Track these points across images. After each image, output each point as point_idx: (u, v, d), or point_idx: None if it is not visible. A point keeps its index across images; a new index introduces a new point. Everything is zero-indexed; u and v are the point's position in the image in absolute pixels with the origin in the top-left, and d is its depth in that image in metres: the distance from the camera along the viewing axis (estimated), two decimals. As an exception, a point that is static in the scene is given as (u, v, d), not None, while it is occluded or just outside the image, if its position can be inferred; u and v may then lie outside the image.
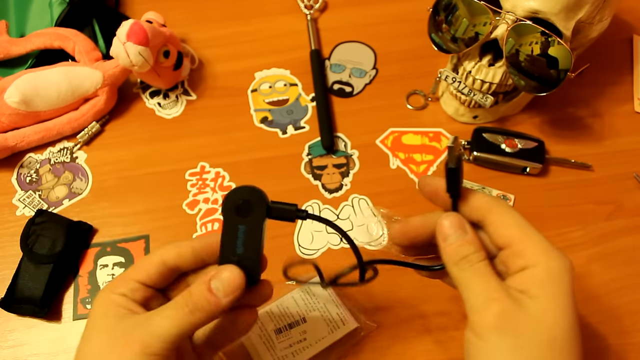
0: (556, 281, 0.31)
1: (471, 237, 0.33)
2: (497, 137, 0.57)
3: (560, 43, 0.49)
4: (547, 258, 0.31)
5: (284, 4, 0.70)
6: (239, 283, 0.32)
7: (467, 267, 0.33)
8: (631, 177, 0.57)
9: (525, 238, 0.32)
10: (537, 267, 0.31)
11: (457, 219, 0.34)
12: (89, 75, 0.57)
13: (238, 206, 0.33)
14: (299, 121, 0.61)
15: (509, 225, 0.33)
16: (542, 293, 0.31)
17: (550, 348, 0.30)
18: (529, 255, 0.32)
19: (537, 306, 0.30)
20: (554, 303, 0.30)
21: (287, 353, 0.45)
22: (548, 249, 0.32)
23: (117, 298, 0.34)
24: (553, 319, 0.30)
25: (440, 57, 0.60)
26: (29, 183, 0.56)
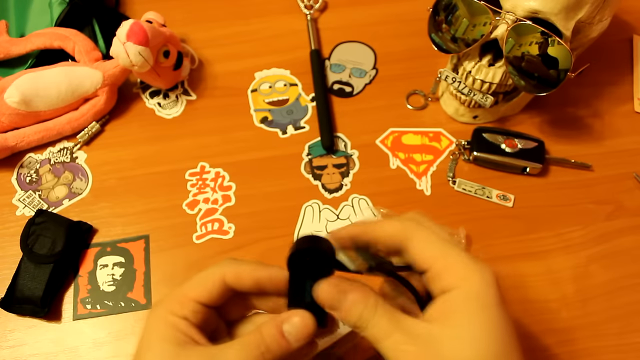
0: (474, 303, 0.29)
1: (352, 299, 0.31)
2: (497, 137, 0.57)
3: (560, 43, 0.49)
4: (465, 278, 0.29)
5: (284, 4, 0.70)
6: (311, 329, 0.31)
7: (365, 328, 0.30)
8: (631, 177, 0.57)
9: (443, 259, 0.31)
10: (455, 289, 0.29)
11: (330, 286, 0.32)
12: (89, 75, 0.57)
13: (304, 263, 0.32)
14: (299, 121, 0.61)
15: (427, 248, 0.31)
16: (458, 322, 0.29)
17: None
18: (447, 277, 0.30)
19: (451, 342, 0.28)
20: (471, 332, 0.28)
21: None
22: (467, 266, 0.30)
23: (179, 322, 0.31)
24: (470, 352, 0.28)
25: (440, 57, 0.60)
26: (29, 183, 0.56)
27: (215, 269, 0.33)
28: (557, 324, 0.49)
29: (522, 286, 0.51)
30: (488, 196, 0.55)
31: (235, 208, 0.55)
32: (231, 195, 0.56)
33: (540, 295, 0.50)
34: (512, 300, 0.50)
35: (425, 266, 0.31)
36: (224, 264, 0.34)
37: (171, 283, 0.51)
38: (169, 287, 0.51)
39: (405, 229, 0.32)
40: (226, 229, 0.54)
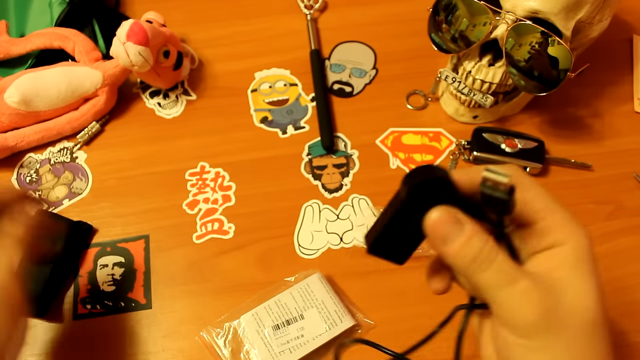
0: (584, 259, 0.29)
1: (472, 229, 0.28)
2: (497, 137, 0.57)
3: (560, 43, 0.49)
4: (574, 235, 0.29)
5: (284, 4, 0.70)
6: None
7: (485, 269, 0.28)
8: (631, 177, 0.57)
9: (553, 213, 0.30)
10: (565, 245, 0.29)
11: (445, 213, 0.28)
12: (89, 75, 0.57)
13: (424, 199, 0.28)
14: (299, 121, 0.61)
15: (537, 200, 0.30)
16: (574, 274, 0.29)
17: (595, 332, 0.28)
18: (557, 231, 0.29)
19: (573, 291, 0.28)
20: (587, 284, 0.29)
21: (284, 349, 0.45)
22: (574, 224, 0.30)
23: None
24: (590, 302, 0.28)
25: (440, 57, 0.60)
26: (29, 183, 0.56)
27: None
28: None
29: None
30: (488, 196, 0.55)
31: (235, 208, 0.55)
32: (231, 195, 0.56)
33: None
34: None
35: (534, 218, 0.30)
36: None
37: (171, 283, 0.51)
38: (169, 287, 0.51)
39: (521, 175, 0.30)
40: (226, 229, 0.54)
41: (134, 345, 0.48)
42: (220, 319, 0.48)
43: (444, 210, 0.28)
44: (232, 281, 0.51)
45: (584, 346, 0.28)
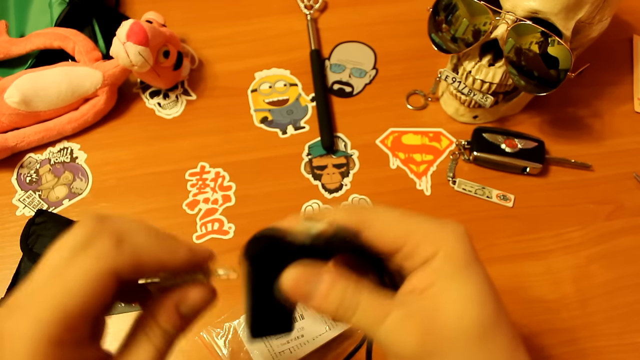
0: (459, 265, 0.27)
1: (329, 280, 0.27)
2: (497, 137, 0.57)
3: (560, 43, 0.49)
4: (442, 243, 0.27)
5: (284, 4, 0.70)
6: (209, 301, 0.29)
7: (353, 313, 0.27)
8: (631, 177, 0.57)
9: (414, 233, 0.28)
10: (435, 257, 0.27)
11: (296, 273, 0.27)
12: (89, 75, 0.57)
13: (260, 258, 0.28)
14: (299, 121, 0.61)
15: (391, 229, 0.28)
16: (451, 285, 0.27)
17: (485, 339, 0.26)
18: (424, 247, 0.27)
19: (452, 304, 0.26)
20: (467, 291, 0.27)
21: (284, 349, 0.45)
22: (439, 232, 0.28)
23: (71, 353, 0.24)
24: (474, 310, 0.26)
25: (440, 57, 0.60)
26: (29, 183, 0.56)
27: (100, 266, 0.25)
28: (557, 324, 0.49)
29: (522, 286, 0.51)
30: (488, 196, 0.55)
31: (235, 208, 0.55)
32: (231, 195, 0.56)
33: (540, 295, 0.50)
34: (513, 300, 0.50)
35: (395, 247, 0.28)
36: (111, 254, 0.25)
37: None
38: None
39: (359, 212, 0.29)
40: (226, 229, 0.54)
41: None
42: (220, 319, 0.48)
43: (295, 270, 0.27)
44: (232, 281, 0.51)
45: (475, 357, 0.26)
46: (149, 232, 0.27)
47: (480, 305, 0.27)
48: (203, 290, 0.28)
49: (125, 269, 0.25)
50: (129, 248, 0.26)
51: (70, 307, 0.24)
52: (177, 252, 0.28)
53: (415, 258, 0.28)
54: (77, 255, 0.25)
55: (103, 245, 0.25)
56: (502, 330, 0.27)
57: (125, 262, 0.25)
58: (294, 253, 0.28)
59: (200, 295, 0.28)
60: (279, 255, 0.27)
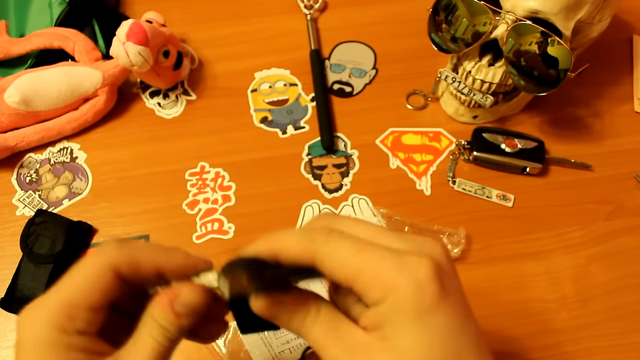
0: (407, 311, 0.25)
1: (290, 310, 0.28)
2: (497, 137, 0.57)
3: (560, 43, 0.49)
4: (392, 285, 0.25)
5: (284, 4, 0.70)
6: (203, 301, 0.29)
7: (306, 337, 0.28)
8: (631, 177, 0.57)
9: (361, 273, 0.26)
10: (384, 301, 0.25)
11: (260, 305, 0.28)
12: (89, 75, 0.57)
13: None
14: (299, 121, 0.61)
15: (341, 265, 0.26)
16: (393, 331, 0.25)
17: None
18: (372, 290, 0.26)
19: (390, 351, 0.25)
20: (409, 339, 0.25)
21: (284, 349, 0.45)
22: (392, 271, 0.25)
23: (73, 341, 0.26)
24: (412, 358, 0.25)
25: (440, 57, 0.60)
26: (29, 183, 0.56)
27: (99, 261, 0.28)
28: (557, 324, 0.49)
29: (522, 286, 0.51)
30: (488, 196, 0.55)
31: (235, 208, 0.55)
32: (231, 195, 0.56)
33: (540, 295, 0.50)
34: (512, 300, 0.50)
35: (347, 284, 0.27)
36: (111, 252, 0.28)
37: (171, 283, 0.51)
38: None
39: (311, 246, 0.27)
40: (226, 229, 0.54)
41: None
42: (220, 319, 0.48)
43: (263, 298, 0.28)
44: (232, 281, 0.51)
45: None
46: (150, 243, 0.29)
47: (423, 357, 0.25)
48: (196, 289, 0.29)
49: (123, 265, 0.28)
50: (128, 248, 0.29)
51: (72, 297, 0.27)
52: (173, 256, 0.30)
53: (367, 298, 0.26)
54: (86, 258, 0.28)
55: (106, 246, 0.29)
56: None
57: (123, 258, 0.28)
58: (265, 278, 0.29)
59: (192, 293, 0.29)
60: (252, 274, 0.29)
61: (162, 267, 0.29)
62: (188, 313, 0.28)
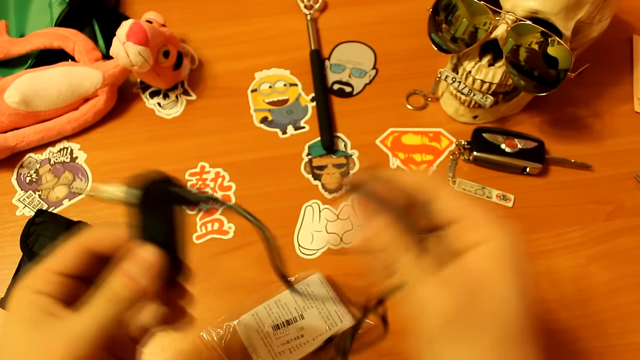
0: (506, 260, 0.28)
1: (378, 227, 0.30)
2: (497, 137, 0.57)
3: (560, 43, 0.49)
4: (494, 235, 0.29)
5: (284, 4, 0.70)
6: (158, 263, 0.30)
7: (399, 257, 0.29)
8: (631, 177, 0.57)
9: (470, 215, 0.30)
10: (485, 243, 0.29)
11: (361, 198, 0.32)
12: (89, 75, 0.57)
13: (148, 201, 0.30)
14: (299, 121, 0.61)
15: (456, 203, 0.31)
16: (495, 277, 0.28)
17: (518, 340, 0.27)
18: (475, 232, 0.29)
19: (494, 295, 0.28)
20: (510, 287, 0.28)
21: (284, 349, 0.45)
22: (493, 224, 0.29)
23: (36, 298, 0.29)
24: (514, 308, 0.28)
25: (440, 57, 0.60)
26: (29, 183, 0.56)
27: (75, 238, 0.32)
28: (557, 324, 0.49)
29: (522, 286, 0.51)
30: (488, 196, 0.55)
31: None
32: (231, 195, 0.56)
33: (540, 295, 0.50)
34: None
35: (453, 219, 0.30)
36: (85, 231, 0.32)
37: (171, 283, 0.51)
38: (169, 287, 0.51)
39: (433, 181, 0.32)
40: (226, 229, 0.54)
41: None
42: (221, 319, 0.48)
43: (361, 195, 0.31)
44: (232, 281, 0.51)
45: (504, 355, 0.27)
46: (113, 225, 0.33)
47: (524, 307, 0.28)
48: (149, 249, 0.30)
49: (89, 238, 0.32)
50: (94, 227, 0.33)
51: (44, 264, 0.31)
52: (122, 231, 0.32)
53: (464, 237, 0.29)
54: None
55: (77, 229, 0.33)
56: (534, 337, 0.28)
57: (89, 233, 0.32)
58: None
59: (143, 252, 0.30)
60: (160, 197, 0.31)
61: (117, 236, 0.32)
62: (141, 274, 0.29)
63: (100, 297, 0.29)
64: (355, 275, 0.51)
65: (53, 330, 0.29)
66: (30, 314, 0.29)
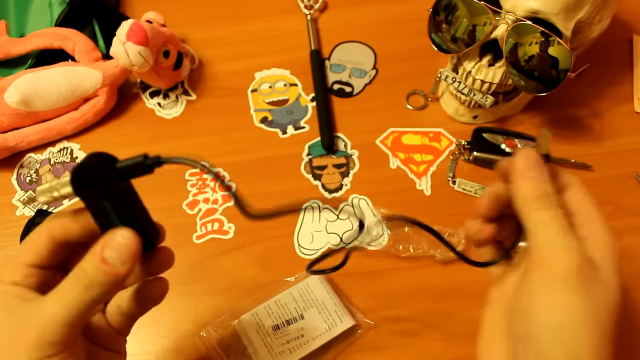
0: (614, 256, 0.31)
1: (548, 178, 0.32)
2: (497, 137, 0.57)
3: (560, 43, 0.49)
4: (609, 233, 0.32)
5: (284, 4, 0.70)
6: (135, 247, 0.29)
7: (546, 208, 0.31)
8: (631, 177, 0.57)
9: (588, 211, 0.33)
10: (605, 237, 0.31)
11: (535, 156, 0.33)
12: (89, 75, 0.57)
13: (89, 183, 0.30)
14: (299, 121, 0.61)
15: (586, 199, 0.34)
16: (608, 265, 0.30)
17: (609, 316, 0.30)
18: (599, 225, 0.32)
19: (606, 274, 0.30)
20: (615, 277, 0.30)
21: (284, 349, 0.45)
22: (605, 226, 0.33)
23: (8, 288, 0.30)
24: (614, 292, 0.30)
25: (440, 57, 0.60)
26: (29, 183, 0.56)
27: (40, 228, 0.31)
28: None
29: (522, 286, 0.51)
30: (488, 196, 0.55)
31: (235, 208, 0.55)
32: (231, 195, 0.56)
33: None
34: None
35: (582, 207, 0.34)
36: (50, 219, 0.32)
37: (171, 283, 0.51)
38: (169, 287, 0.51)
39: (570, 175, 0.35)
40: (226, 229, 0.54)
41: (134, 345, 0.48)
42: (221, 319, 0.48)
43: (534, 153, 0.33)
44: (232, 281, 0.51)
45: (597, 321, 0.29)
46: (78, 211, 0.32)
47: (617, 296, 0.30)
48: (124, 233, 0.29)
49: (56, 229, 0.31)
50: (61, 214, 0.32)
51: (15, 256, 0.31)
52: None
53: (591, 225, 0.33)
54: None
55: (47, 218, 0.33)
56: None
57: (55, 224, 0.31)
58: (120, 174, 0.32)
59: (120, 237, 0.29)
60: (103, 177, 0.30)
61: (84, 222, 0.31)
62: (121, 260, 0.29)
63: (74, 282, 0.29)
64: (354, 275, 0.51)
65: (25, 315, 0.29)
66: (5, 302, 0.29)
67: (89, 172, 0.30)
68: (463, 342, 0.48)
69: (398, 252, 0.51)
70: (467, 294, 0.47)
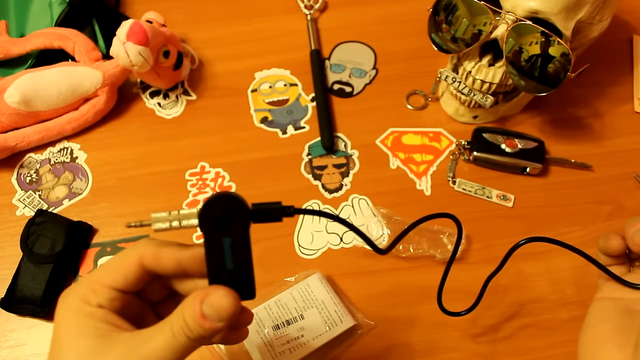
0: None
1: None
2: (497, 137, 0.57)
3: (561, 43, 0.49)
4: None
5: (284, 4, 0.70)
6: (234, 307, 0.29)
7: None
8: (631, 177, 0.57)
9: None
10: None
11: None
12: (89, 75, 0.57)
13: (217, 218, 0.29)
14: (299, 121, 0.61)
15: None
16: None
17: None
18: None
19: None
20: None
21: (284, 349, 0.45)
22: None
23: (95, 311, 0.29)
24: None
25: (440, 57, 0.60)
26: (29, 183, 0.56)
27: (131, 251, 0.31)
28: (557, 324, 0.49)
29: (522, 286, 0.51)
30: (488, 196, 0.55)
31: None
32: (231, 195, 0.56)
33: (540, 295, 0.50)
34: (512, 300, 0.50)
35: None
36: (141, 245, 0.31)
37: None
38: (169, 287, 0.51)
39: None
40: (226, 229, 0.54)
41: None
42: (220, 319, 0.48)
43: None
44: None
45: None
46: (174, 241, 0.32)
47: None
48: (226, 293, 0.29)
49: (148, 256, 0.31)
50: (153, 242, 0.31)
51: (99, 276, 0.30)
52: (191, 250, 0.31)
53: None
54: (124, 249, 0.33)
55: (139, 242, 0.32)
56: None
57: (147, 250, 0.31)
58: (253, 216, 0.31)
59: (221, 297, 0.29)
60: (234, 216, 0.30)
61: (181, 260, 0.31)
62: (219, 319, 0.28)
63: (178, 330, 0.28)
64: (354, 275, 0.51)
65: (124, 342, 0.28)
66: (93, 326, 0.29)
67: (224, 207, 0.29)
68: (463, 341, 0.48)
69: (398, 252, 0.51)
70: (467, 293, 0.47)
